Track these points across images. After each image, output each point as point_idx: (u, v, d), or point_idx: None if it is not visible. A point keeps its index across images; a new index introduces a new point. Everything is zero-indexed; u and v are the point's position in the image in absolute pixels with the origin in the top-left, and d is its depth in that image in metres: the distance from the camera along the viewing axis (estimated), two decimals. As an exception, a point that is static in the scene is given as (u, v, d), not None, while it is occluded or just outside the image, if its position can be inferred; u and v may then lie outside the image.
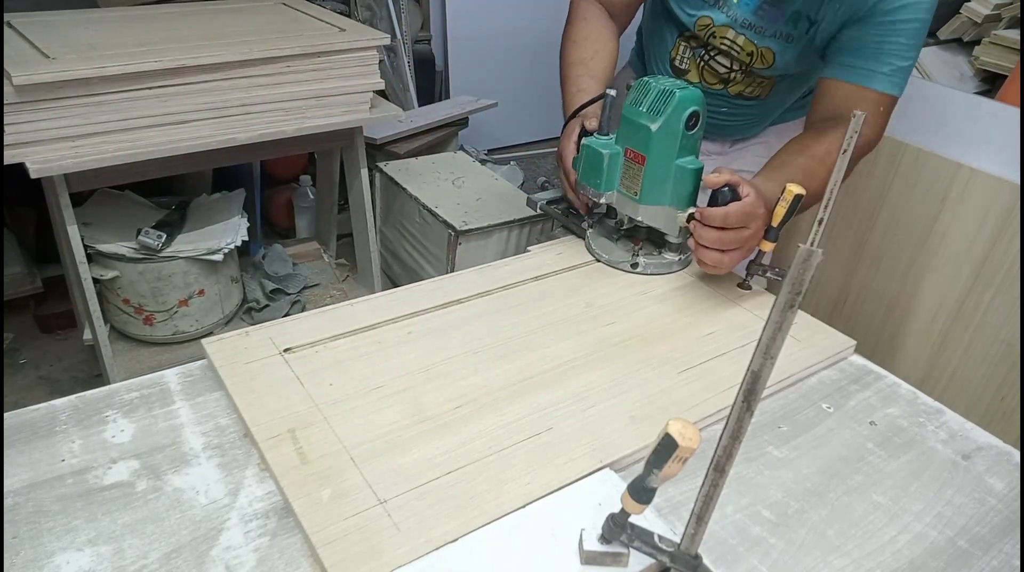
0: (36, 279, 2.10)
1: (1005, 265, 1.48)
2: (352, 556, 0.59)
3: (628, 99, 0.98)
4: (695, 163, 0.96)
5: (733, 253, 0.92)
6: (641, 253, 1.04)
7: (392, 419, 0.73)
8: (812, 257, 0.40)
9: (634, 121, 0.96)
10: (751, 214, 0.90)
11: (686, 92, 0.93)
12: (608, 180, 1.01)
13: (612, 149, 0.99)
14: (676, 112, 0.93)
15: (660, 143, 0.95)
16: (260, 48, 1.47)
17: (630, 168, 0.99)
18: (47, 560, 0.58)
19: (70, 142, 1.35)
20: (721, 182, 0.91)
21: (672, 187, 0.97)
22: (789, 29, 1.12)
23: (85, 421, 0.72)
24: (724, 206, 0.90)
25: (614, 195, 1.02)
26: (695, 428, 0.50)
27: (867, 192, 1.69)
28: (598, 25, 1.22)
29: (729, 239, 0.90)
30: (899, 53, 1.02)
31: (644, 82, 0.96)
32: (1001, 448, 0.77)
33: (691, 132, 0.95)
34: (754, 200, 0.90)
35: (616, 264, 1.03)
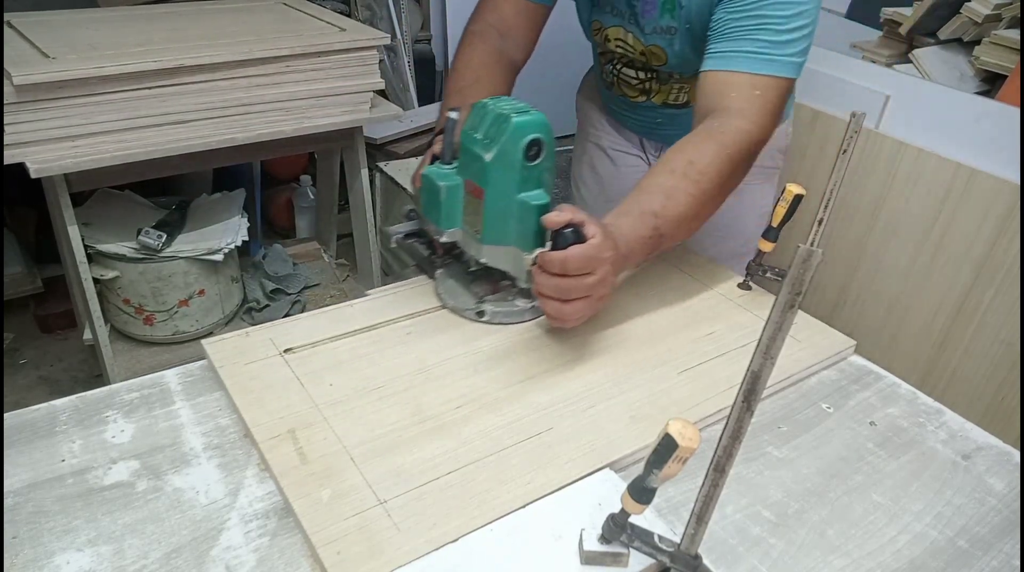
0: (36, 279, 2.10)
1: (1005, 265, 1.48)
2: (352, 556, 0.59)
3: (466, 124, 0.85)
4: (541, 198, 0.83)
5: (577, 303, 0.79)
6: (489, 299, 0.91)
7: (392, 419, 0.73)
8: (812, 257, 0.40)
9: (470, 149, 0.83)
10: (594, 259, 0.77)
11: (525, 118, 0.80)
12: (449, 216, 0.88)
13: (451, 180, 0.86)
14: (512, 141, 0.80)
15: (497, 176, 0.82)
16: (260, 48, 1.47)
17: (471, 203, 0.86)
18: (47, 560, 0.58)
19: (70, 142, 1.35)
20: (561, 222, 0.78)
21: (515, 225, 0.84)
22: (667, 21, 1.05)
23: (85, 421, 0.72)
24: (564, 249, 0.77)
25: (458, 233, 0.89)
26: (695, 428, 0.50)
27: (867, 192, 1.69)
28: (483, 51, 1.12)
29: (569, 287, 0.78)
30: (770, 27, 0.90)
31: (482, 105, 0.84)
32: (1001, 448, 0.77)
33: (533, 163, 0.82)
34: (600, 243, 0.78)
35: (461, 311, 0.90)
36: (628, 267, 0.86)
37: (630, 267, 0.88)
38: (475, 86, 1.06)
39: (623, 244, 0.82)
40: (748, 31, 0.91)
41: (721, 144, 0.89)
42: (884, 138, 1.64)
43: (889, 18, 2.07)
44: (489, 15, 1.15)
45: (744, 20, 0.92)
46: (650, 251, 0.87)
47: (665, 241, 0.87)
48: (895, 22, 2.03)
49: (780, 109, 0.95)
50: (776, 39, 0.91)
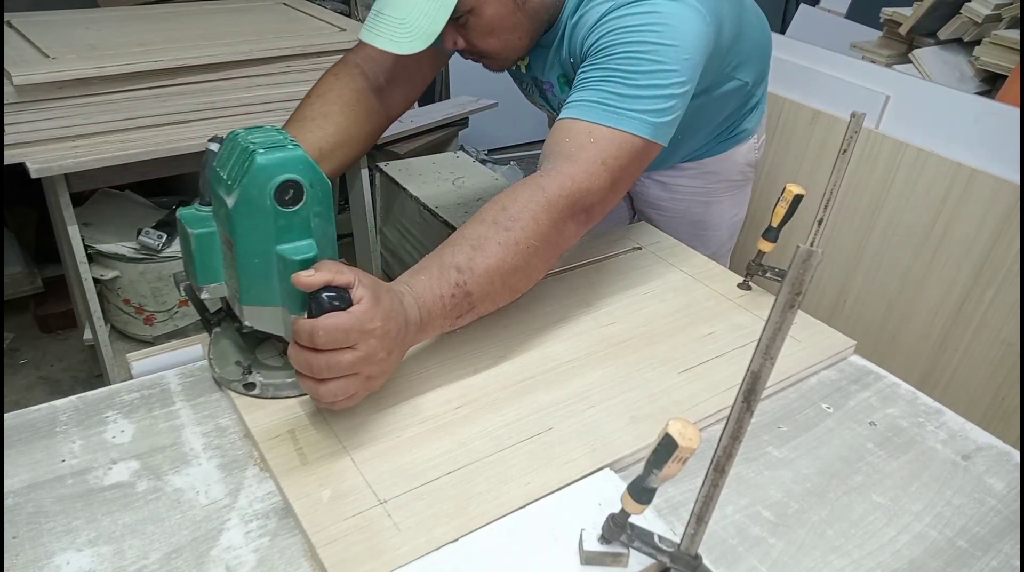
0: (36, 279, 2.10)
1: (1005, 265, 1.48)
2: (352, 556, 0.59)
3: (216, 159, 0.70)
4: (306, 251, 0.68)
5: (333, 384, 0.65)
6: (261, 367, 0.77)
7: (392, 419, 0.73)
8: (812, 257, 0.40)
9: (215, 191, 0.69)
10: (353, 330, 0.63)
11: (273, 156, 0.65)
12: (206, 270, 0.72)
13: (205, 227, 0.71)
14: (256, 182, 0.65)
15: (245, 224, 0.66)
16: (260, 48, 1.47)
17: (226, 256, 0.71)
18: (47, 560, 0.58)
19: (70, 142, 1.36)
20: (316, 284, 0.63)
21: (279, 283, 0.69)
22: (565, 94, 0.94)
23: (85, 421, 0.72)
24: (314, 318, 0.63)
25: (223, 288, 0.74)
26: (695, 428, 0.50)
27: (867, 192, 1.69)
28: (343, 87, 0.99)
29: (321, 365, 0.64)
30: (618, 79, 0.83)
31: (234, 136, 0.69)
32: (1001, 448, 0.77)
33: (291, 209, 0.67)
34: (364, 311, 0.64)
35: (228, 382, 0.76)
36: (427, 336, 0.75)
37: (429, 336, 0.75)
38: (319, 120, 0.94)
39: (414, 309, 0.71)
40: (595, 82, 0.85)
41: (539, 188, 0.79)
42: (884, 138, 1.64)
43: (889, 18, 2.07)
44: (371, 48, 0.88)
45: (594, 72, 0.85)
46: (457, 313, 0.75)
47: (475, 300, 0.75)
48: (895, 22, 2.04)
49: (624, 165, 0.84)
50: (623, 92, 0.83)
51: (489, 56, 0.96)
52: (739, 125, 1.21)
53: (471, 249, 0.75)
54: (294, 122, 0.96)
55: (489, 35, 0.91)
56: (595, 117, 0.83)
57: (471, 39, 0.92)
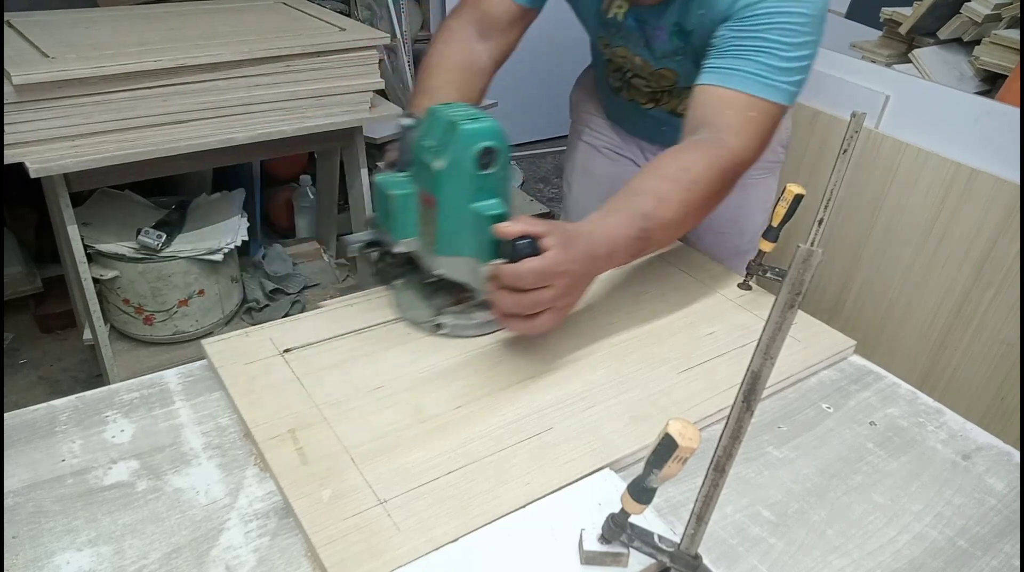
0: (36, 279, 2.10)
1: (1005, 265, 1.48)
2: (352, 556, 0.59)
3: (419, 131, 0.83)
4: (496, 208, 0.80)
5: (542, 317, 0.76)
6: (449, 311, 0.88)
7: (392, 419, 0.73)
8: (812, 257, 0.40)
9: (420, 158, 0.81)
10: (549, 273, 0.74)
11: (476, 125, 0.77)
12: (403, 226, 0.85)
13: (404, 189, 0.84)
14: (463, 149, 0.77)
15: (449, 185, 0.79)
16: (260, 48, 1.47)
17: (425, 213, 0.83)
18: (47, 560, 0.58)
19: (70, 142, 1.36)
20: (514, 233, 0.74)
21: (471, 236, 0.81)
22: (675, 44, 1.03)
23: (85, 421, 0.72)
24: (517, 263, 0.73)
25: (414, 242, 0.86)
26: (695, 428, 0.50)
27: (867, 192, 1.69)
28: (458, 51, 1.08)
29: (527, 303, 0.75)
30: (773, 51, 0.89)
31: (434, 111, 0.81)
32: (1001, 448, 0.77)
33: (486, 172, 0.79)
34: (556, 255, 0.74)
35: (418, 323, 0.87)
36: (610, 267, 0.84)
37: (613, 266, 0.85)
38: (446, 87, 1.03)
39: (605, 243, 0.80)
40: (750, 51, 0.90)
41: (717, 158, 0.87)
42: (884, 138, 1.64)
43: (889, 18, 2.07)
44: (471, 11, 1.10)
45: (748, 40, 0.90)
46: (635, 253, 0.85)
47: (651, 245, 0.85)
48: (895, 22, 2.03)
49: (770, 135, 0.94)
50: (777, 64, 0.89)
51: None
52: None
53: (656, 201, 0.84)
54: (424, 93, 1.03)
55: None
56: (755, 90, 0.90)
57: None
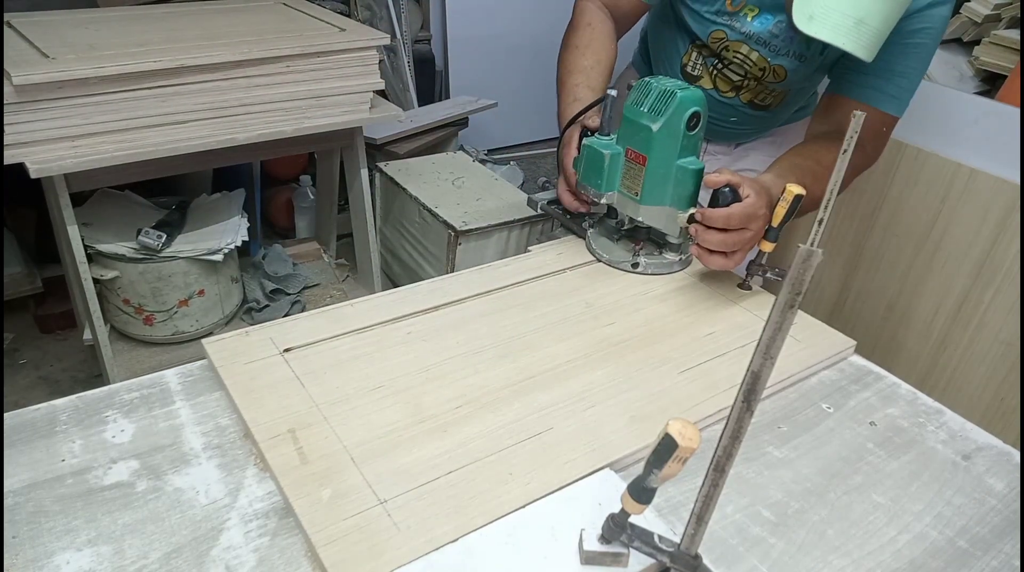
0: (36, 279, 2.10)
1: (1005, 265, 1.48)
2: (352, 556, 0.59)
3: (629, 99, 0.97)
4: (696, 164, 0.96)
5: (736, 254, 0.92)
6: (642, 253, 1.04)
7: (392, 419, 0.73)
8: (812, 257, 0.40)
9: (635, 121, 0.96)
10: (752, 215, 0.90)
11: (687, 93, 0.93)
12: (609, 180, 1.00)
13: (613, 149, 0.99)
14: (677, 113, 0.93)
15: (661, 144, 0.94)
16: (260, 48, 1.47)
17: (631, 168, 0.99)
18: (47, 560, 0.58)
19: (70, 142, 1.35)
20: (722, 182, 0.91)
21: (673, 188, 0.97)
22: (803, 49, 1.12)
23: (85, 421, 0.72)
24: (726, 207, 0.89)
25: (615, 196, 1.02)
26: (695, 428, 0.50)
27: (867, 192, 1.69)
28: (600, 33, 1.20)
29: (732, 241, 0.90)
30: (908, 74, 1.03)
31: (645, 82, 0.96)
32: (1001, 448, 0.77)
33: (692, 133, 0.94)
34: (755, 201, 0.90)
35: (617, 264, 1.03)
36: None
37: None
38: (597, 67, 1.16)
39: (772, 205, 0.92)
40: (895, 76, 1.03)
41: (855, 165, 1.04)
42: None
43: (889, 18, 2.06)
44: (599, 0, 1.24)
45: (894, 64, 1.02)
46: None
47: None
48: (895, 22, 2.03)
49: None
50: (909, 87, 1.04)
51: None
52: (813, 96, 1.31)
53: (812, 180, 0.96)
54: (578, 72, 1.15)
55: None
56: (891, 109, 1.06)
57: None
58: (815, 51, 1.11)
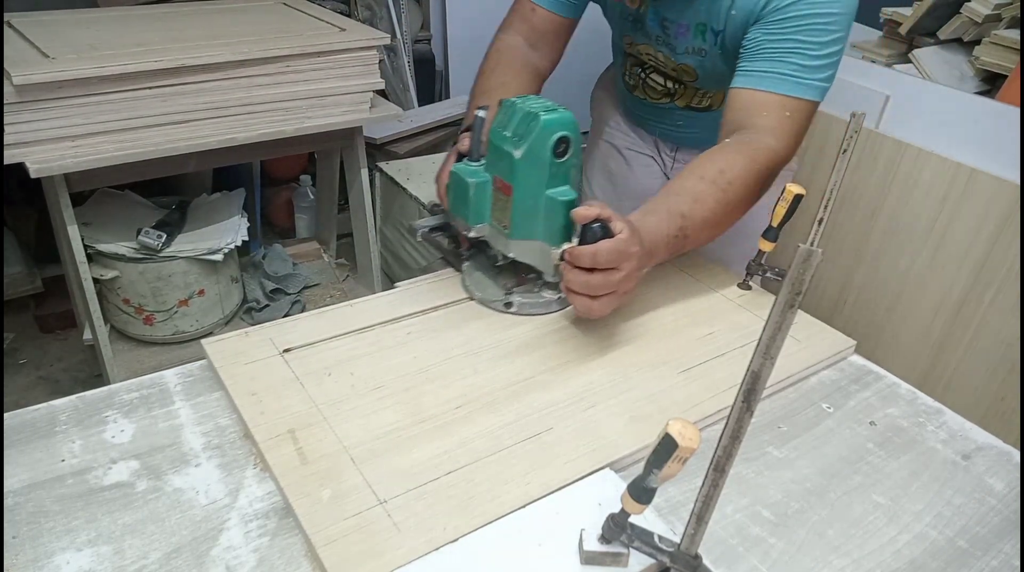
0: (36, 279, 2.10)
1: (1005, 265, 1.48)
2: (352, 556, 0.59)
3: (495, 122, 0.87)
4: (568, 194, 0.86)
5: (605, 298, 0.81)
6: (517, 291, 0.93)
7: (392, 419, 0.73)
8: (812, 257, 0.40)
9: (499, 147, 0.85)
10: (623, 254, 0.79)
11: (553, 115, 0.82)
12: (477, 212, 0.90)
13: (479, 177, 0.88)
14: (541, 138, 0.82)
15: (526, 172, 0.84)
16: (260, 48, 1.47)
17: (499, 199, 0.88)
18: (47, 560, 0.58)
19: (70, 142, 1.35)
20: (591, 216, 0.79)
21: (543, 221, 0.86)
22: (699, 43, 1.06)
23: (85, 421, 0.72)
24: (593, 244, 0.78)
25: (486, 228, 0.91)
26: (695, 428, 0.50)
27: (867, 192, 1.69)
28: (511, 57, 1.14)
29: (598, 283, 0.80)
30: (804, 51, 0.93)
31: (511, 103, 0.86)
32: (1001, 448, 0.77)
33: (561, 160, 0.84)
34: (627, 238, 0.79)
35: (489, 303, 0.92)
36: (652, 263, 0.88)
37: (651, 265, 0.89)
38: (502, 89, 1.07)
39: (648, 241, 0.84)
40: (783, 54, 0.94)
41: (752, 159, 0.91)
42: (884, 138, 1.64)
43: (889, 18, 2.07)
44: (519, 24, 1.18)
45: (780, 43, 0.94)
46: (672, 251, 0.88)
47: (688, 243, 0.89)
48: (895, 22, 2.03)
49: (805, 131, 0.98)
50: (809, 63, 0.93)
51: None
52: None
53: (692, 201, 0.89)
54: (481, 95, 1.08)
55: None
56: (789, 90, 0.94)
57: None
58: (710, 42, 1.04)
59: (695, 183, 0.90)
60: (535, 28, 1.17)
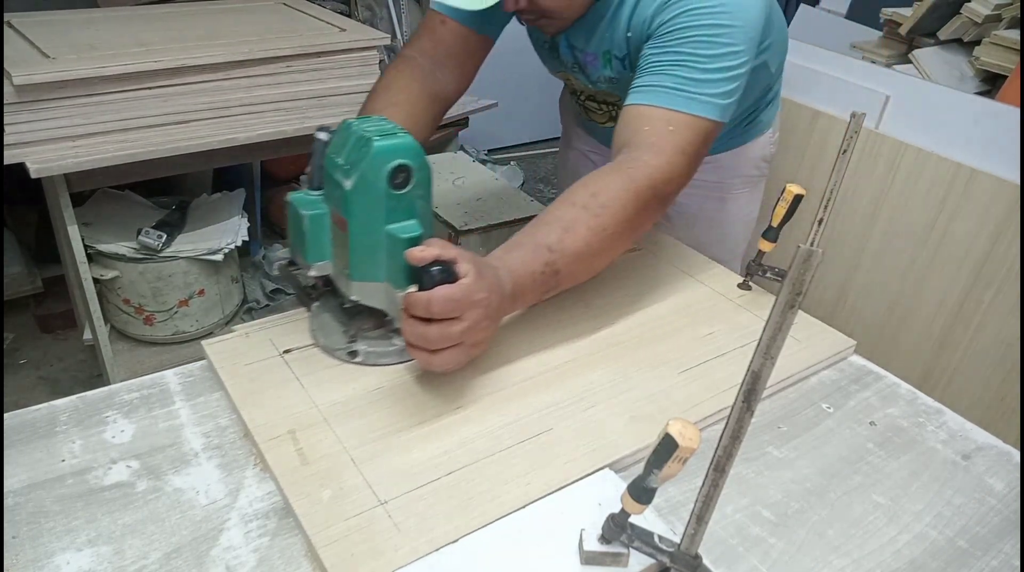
0: (36, 279, 2.11)
1: (1005, 265, 1.48)
2: (353, 557, 0.59)
3: (330, 147, 0.77)
4: (411, 230, 0.74)
5: (447, 353, 0.71)
6: (368, 336, 0.82)
7: (392, 420, 0.73)
8: (812, 257, 0.40)
9: (331, 176, 0.75)
10: (463, 302, 0.69)
11: (389, 142, 0.71)
12: (316, 248, 0.78)
13: (317, 209, 0.77)
14: (374, 167, 0.71)
15: (360, 205, 0.73)
16: (260, 48, 1.47)
17: (337, 235, 0.77)
18: (47, 560, 0.58)
19: (70, 142, 1.36)
20: (427, 258, 0.69)
21: (386, 260, 0.75)
22: (608, 72, 1.03)
23: (85, 421, 0.72)
24: (429, 290, 0.69)
25: (329, 266, 0.80)
26: (695, 428, 0.50)
27: (867, 192, 1.69)
28: (409, 76, 1.04)
29: (436, 335, 0.70)
30: (690, 64, 0.86)
31: (347, 125, 0.75)
32: (1001, 448, 0.77)
33: (401, 191, 0.73)
34: (471, 283, 0.70)
35: (332, 351, 0.82)
36: (519, 307, 0.80)
37: (520, 307, 0.81)
38: (391, 110, 0.98)
39: (510, 282, 0.76)
40: (668, 67, 0.88)
41: (629, 178, 0.83)
42: (884, 138, 1.64)
43: (889, 18, 2.07)
44: (426, 40, 1.07)
45: (665, 56, 0.88)
46: (544, 289, 0.80)
47: (561, 278, 0.81)
48: (895, 22, 2.04)
49: (698, 149, 0.89)
50: (696, 77, 0.86)
51: (549, 16, 0.97)
52: (757, 116, 1.21)
53: (562, 231, 0.80)
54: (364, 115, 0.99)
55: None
56: (671, 103, 0.87)
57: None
58: (618, 70, 1.01)
59: (565, 210, 0.82)
60: (442, 44, 1.07)
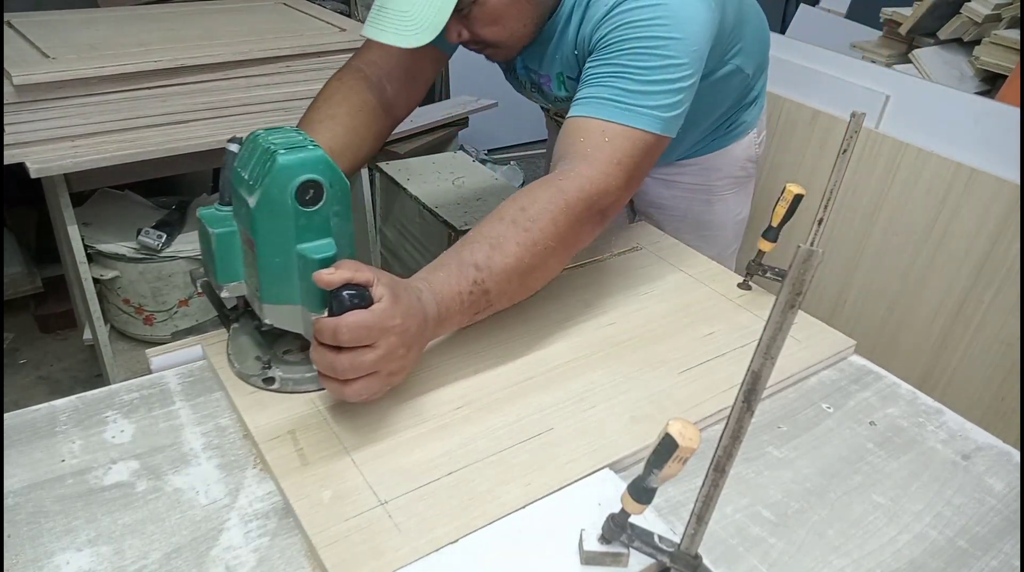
0: (36, 279, 2.11)
1: (1005, 265, 1.48)
2: (353, 557, 0.59)
3: (238, 159, 0.72)
4: (326, 250, 0.69)
5: (359, 383, 0.66)
6: (281, 362, 0.78)
7: (392, 420, 0.73)
8: (812, 257, 0.40)
9: (237, 191, 0.71)
10: (375, 329, 0.65)
11: (294, 156, 0.66)
12: (226, 268, 0.74)
13: (226, 226, 0.73)
14: (278, 182, 0.66)
15: (266, 223, 0.68)
16: (259, 48, 1.47)
17: (247, 254, 0.72)
18: (47, 560, 0.58)
19: (70, 142, 1.36)
20: (337, 282, 0.65)
21: (299, 282, 0.70)
22: (563, 93, 1.02)
23: (85, 421, 0.72)
24: (337, 317, 0.64)
25: (242, 286, 0.76)
26: (695, 428, 0.50)
27: (867, 192, 1.69)
28: (352, 86, 1.00)
29: (345, 365, 0.65)
30: (627, 75, 0.84)
31: (254, 136, 0.70)
32: (1001, 448, 0.77)
33: (311, 209, 0.68)
34: (385, 308, 0.65)
35: (247, 377, 0.77)
36: (444, 331, 0.77)
37: (447, 331, 0.78)
38: (329, 122, 0.94)
39: (434, 304, 0.72)
40: (605, 78, 0.86)
41: (559, 190, 0.80)
42: (884, 138, 1.64)
43: (889, 18, 2.07)
44: (374, 51, 1.03)
45: (603, 68, 0.86)
46: (475, 310, 0.77)
47: (492, 298, 0.77)
48: (895, 22, 2.04)
49: (638, 162, 0.86)
50: (634, 88, 0.84)
51: (494, 46, 0.96)
52: (738, 118, 1.20)
53: (490, 248, 0.76)
54: (302, 126, 0.96)
55: (494, 23, 0.91)
56: (608, 115, 0.84)
57: (475, 29, 0.92)
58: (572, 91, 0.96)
59: (493, 226, 0.78)
60: (391, 55, 1.02)
